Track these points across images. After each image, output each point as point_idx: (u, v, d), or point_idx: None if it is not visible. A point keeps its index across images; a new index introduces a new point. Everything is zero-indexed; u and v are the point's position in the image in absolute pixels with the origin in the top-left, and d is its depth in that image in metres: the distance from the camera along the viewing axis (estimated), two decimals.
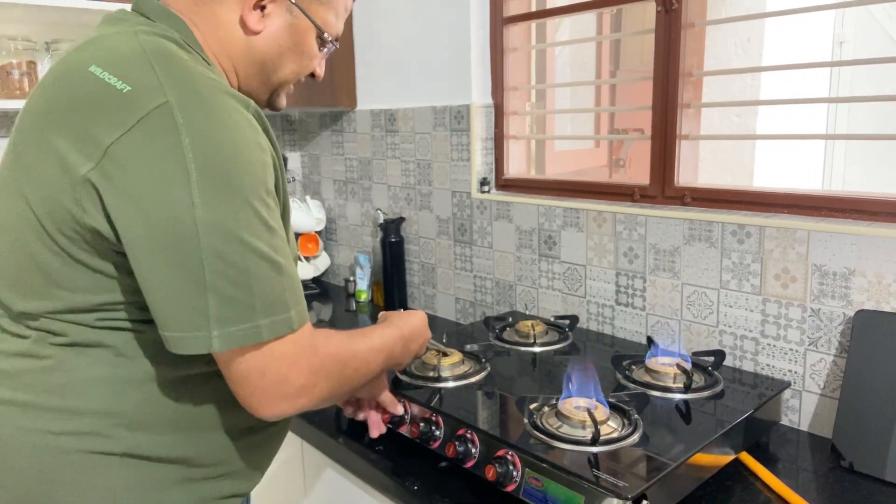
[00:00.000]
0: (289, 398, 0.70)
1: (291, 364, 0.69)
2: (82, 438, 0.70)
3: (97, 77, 0.65)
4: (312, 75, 0.89)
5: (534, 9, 1.65)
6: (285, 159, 0.88)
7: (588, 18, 2.38)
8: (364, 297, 2.01)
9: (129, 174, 0.62)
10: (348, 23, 1.94)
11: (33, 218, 0.67)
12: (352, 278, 2.07)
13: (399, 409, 1.06)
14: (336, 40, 0.87)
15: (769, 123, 2.42)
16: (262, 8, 0.78)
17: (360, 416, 1.07)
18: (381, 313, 1.03)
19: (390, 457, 1.07)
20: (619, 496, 0.79)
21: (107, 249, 0.67)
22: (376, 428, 1.06)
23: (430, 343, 1.11)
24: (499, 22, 1.62)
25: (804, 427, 1.16)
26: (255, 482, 0.85)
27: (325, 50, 0.87)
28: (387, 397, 1.05)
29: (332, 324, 1.85)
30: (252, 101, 0.71)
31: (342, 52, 1.94)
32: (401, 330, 0.96)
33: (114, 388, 0.71)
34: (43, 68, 1.70)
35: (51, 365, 0.70)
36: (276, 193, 0.71)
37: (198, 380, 0.74)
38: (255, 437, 0.82)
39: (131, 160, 0.62)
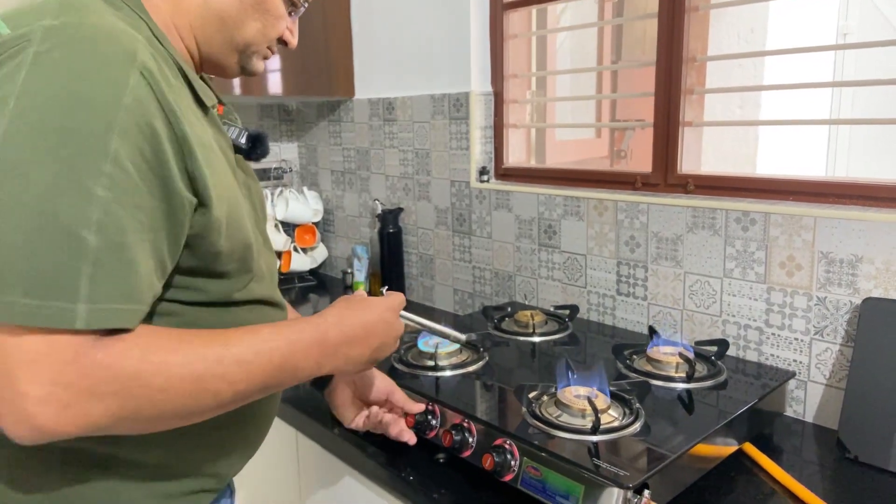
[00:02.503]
0: (23, 415, 0.53)
1: (30, 367, 0.53)
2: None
3: None
4: (285, 43, 0.83)
5: None
6: (250, 137, 0.83)
7: (590, 7, 2.35)
8: (361, 288, 1.98)
9: None
10: (345, 10, 1.91)
11: None
12: (349, 270, 2.04)
13: (418, 407, 1.00)
14: (306, 1, 0.82)
15: (772, 114, 2.39)
16: None
17: (379, 427, 1.00)
18: (339, 298, 0.82)
19: (386, 448, 1.05)
20: (619, 486, 0.77)
21: None
22: (407, 434, 0.98)
23: (423, 325, 0.91)
24: (499, 8, 1.60)
25: (809, 418, 1.14)
26: (226, 479, 0.79)
27: (295, 13, 0.82)
28: (399, 397, 1.01)
29: None
30: (149, 60, 0.61)
31: (339, 40, 1.91)
32: (324, 332, 0.73)
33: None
34: None
35: None
36: (164, 167, 0.61)
37: None
38: (218, 434, 0.75)
39: None
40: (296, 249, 2.09)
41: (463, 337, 0.98)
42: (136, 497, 0.70)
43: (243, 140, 0.79)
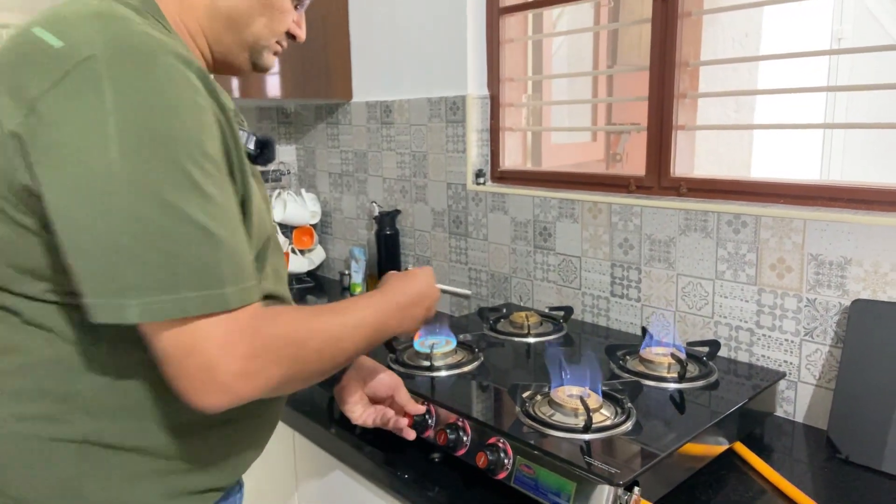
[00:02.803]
0: (222, 387, 0.62)
1: (223, 348, 0.62)
2: (38, 423, 0.67)
3: (36, 36, 0.63)
4: (293, 37, 0.85)
5: None
6: (258, 142, 0.86)
7: (585, 12, 2.37)
8: (359, 290, 2.00)
9: (51, 129, 0.59)
10: (344, 14, 1.93)
11: None
12: (347, 272, 2.06)
13: (420, 408, 1.01)
14: None
15: (767, 118, 2.41)
16: None
17: (383, 423, 1.02)
18: (386, 274, 0.95)
19: (382, 447, 1.06)
20: (610, 483, 0.78)
21: (43, 211, 0.62)
22: (407, 433, 1.01)
23: (445, 290, 1.03)
24: (495, 12, 1.61)
25: (799, 418, 1.15)
26: (235, 476, 0.81)
27: (300, 5, 0.84)
28: (403, 395, 1.02)
29: None
30: (196, 62, 0.65)
31: (338, 44, 1.93)
32: (396, 298, 0.87)
33: (71, 371, 0.68)
34: None
35: (6, 346, 0.68)
36: (228, 160, 0.67)
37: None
38: (228, 429, 0.78)
39: (53, 115, 0.59)
40: (293, 251, 2.10)
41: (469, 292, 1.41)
42: (151, 493, 0.72)
43: (251, 145, 0.80)
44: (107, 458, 0.69)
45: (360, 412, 1.03)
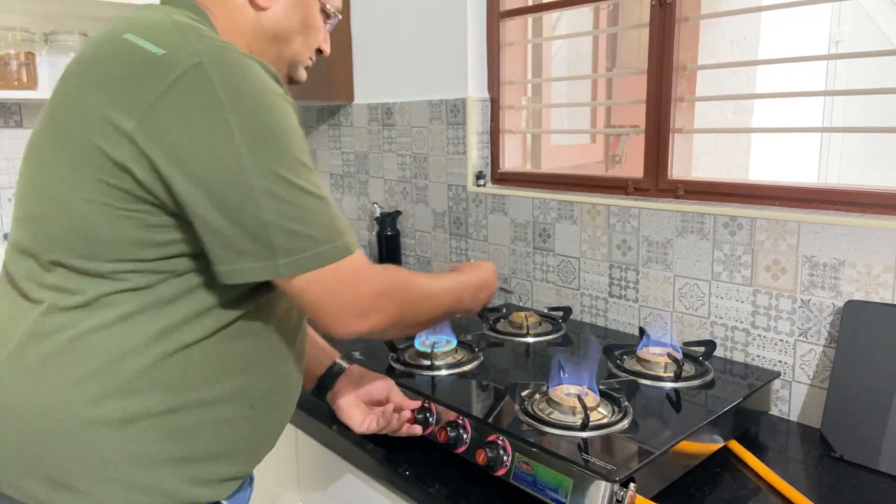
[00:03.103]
0: (360, 315, 0.76)
1: (356, 283, 0.75)
2: (77, 405, 0.71)
3: (132, 43, 0.69)
4: (320, 51, 0.94)
5: (530, 3, 1.66)
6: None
7: (585, 17, 2.39)
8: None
9: (173, 132, 0.66)
10: (346, 17, 1.95)
11: (74, 178, 0.70)
12: None
13: (415, 403, 1.04)
14: (339, 12, 0.93)
15: (765, 121, 2.43)
16: None
17: (387, 425, 1.03)
18: (452, 264, 1.06)
19: (383, 444, 1.08)
20: (606, 479, 0.80)
21: (150, 205, 0.70)
22: (413, 429, 1.03)
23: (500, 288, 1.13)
24: (495, 16, 1.63)
25: (794, 417, 1.17)
26: (253, 464, 0.85)
27: (329, 23, 0.92)
28: (397, 394, 1.05)
29: None
30: (272, 68, 0.74)
31: (340, 46, 1.95)
32: (469, 278, 0.98)
33: (113, 354, 0.71)
34: (41, 59, 1.71)
35: (52, 328, 0.72)
36: None
37: (197, 348, 0.75)
38: (253, 413, 0.82)
39: (173, 118, 0.66)
40: None
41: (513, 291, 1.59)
42: (174, 480, 0.75)
43: None
44: (138, 442, 0.73)
45: (361, 419, 1.04)
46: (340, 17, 0.94)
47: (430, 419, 1.03)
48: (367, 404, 1.05)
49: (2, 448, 0.73)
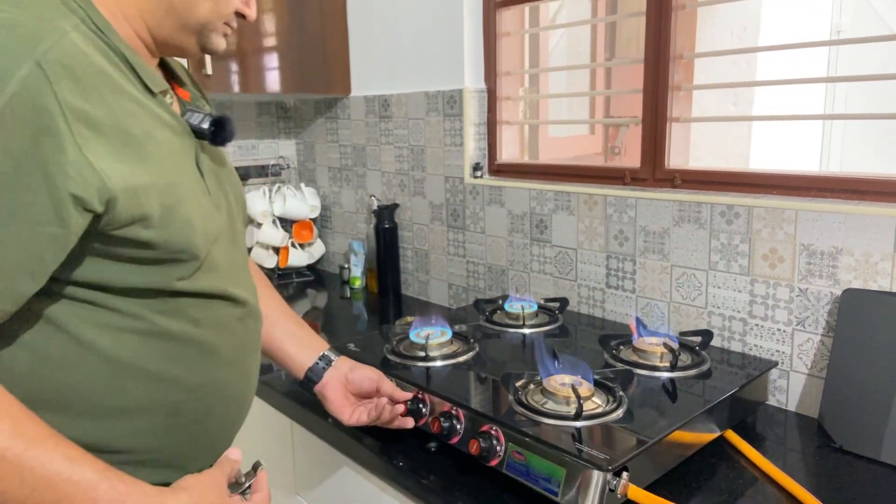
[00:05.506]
0: None
1: None
2: None
3: None
4: (243, 16, 0.81)
5: None
6: (214, 121, 0.80)
7: (584, 9, 2.37)
8: (358, 283, 2.01)
9: None
10: (342, 8, 1.94)
11: None
12: (346, 265, 2.07)
13: (407, 394, 1.03)
14: None
15: (766, 110, 2.41)
16: None
17: (379, 416, 1.01)
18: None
19: (378, 436, 1.08)
20: (599, 468, 0.80)
21: None
22: (405, 421, 1.01)
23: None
24: (492, 6, 1.62)
25: (791, 407, 1.16)
26: (190, 470, 0.77)
27: None
28: (387, 386, 1.03)
29: (328, 313, 1.85)
30: (49, 55, 0.60)
31: (336, 38, 1.94)
32: (145, 489, 0.67)
33: (7, 366, 0.67)
34: None
35: None
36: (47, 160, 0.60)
37: (87, 356, 0.70)
38: (176, 422, 0.76)
39: None
40: (293, 245, 2.11)
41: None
42: None
43: (206, 125, 0.77)
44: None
45: (350, 411, 1.02)
46: None
47: (424, 410, 1.02)
48: (357, 396, 1.04)
49: None
